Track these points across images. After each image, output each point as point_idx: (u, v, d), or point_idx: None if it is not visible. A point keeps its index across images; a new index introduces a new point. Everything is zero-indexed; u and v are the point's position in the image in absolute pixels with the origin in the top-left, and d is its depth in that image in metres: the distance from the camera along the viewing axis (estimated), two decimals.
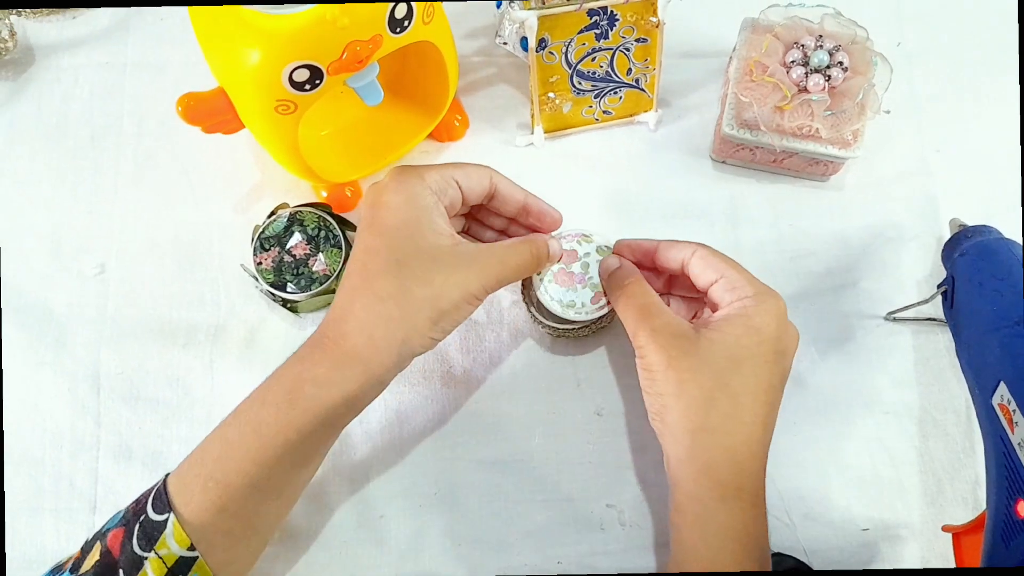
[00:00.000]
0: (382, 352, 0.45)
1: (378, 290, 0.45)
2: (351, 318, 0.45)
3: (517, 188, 0.53)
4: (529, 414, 0.57)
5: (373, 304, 0.45)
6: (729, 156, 0.62)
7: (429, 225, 0.46)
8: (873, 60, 0.58)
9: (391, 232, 0.46)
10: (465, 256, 0.47)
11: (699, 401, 0.45)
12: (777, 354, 0.47)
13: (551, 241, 0.53)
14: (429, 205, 0.47)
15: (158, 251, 0.62)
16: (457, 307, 0.46)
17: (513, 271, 0.49)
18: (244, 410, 0.46)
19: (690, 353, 0.46)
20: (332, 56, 0.48)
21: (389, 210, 0.46)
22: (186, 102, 0.51)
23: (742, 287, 0.48)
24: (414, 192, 0.47)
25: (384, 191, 0.47)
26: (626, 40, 0.58)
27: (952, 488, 0.55)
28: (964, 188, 0.62)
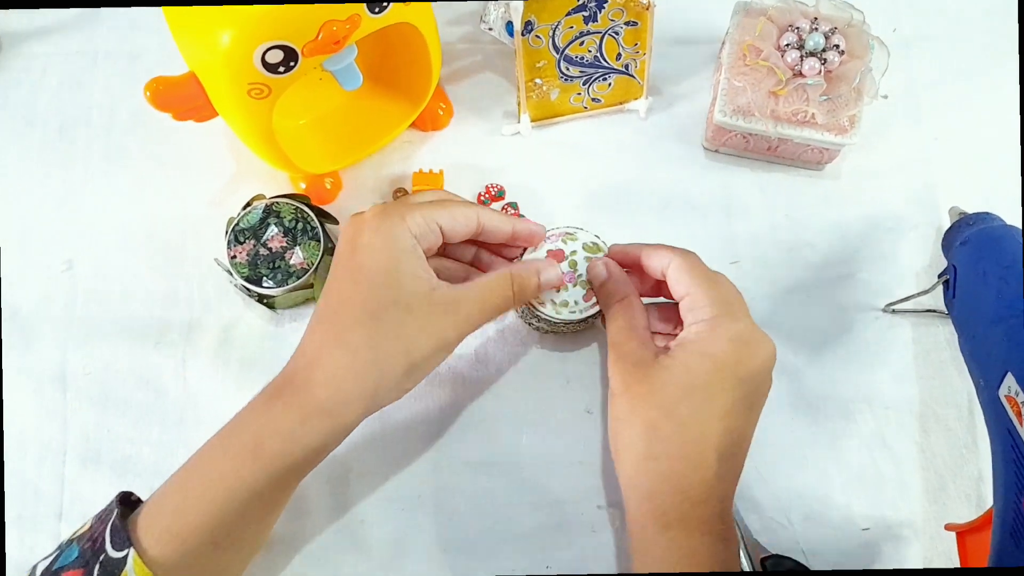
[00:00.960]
0: (350, 405, 0.43)
1: (349, 342, 0.43)
2: (319, 368, 0.44)
3: (504, 220, 0.50)
4: (517, 413, 0.55)
5: (343, 356, 0.43)
6: (722, 145, 0.60)
7: (407, 271, 0.45)
8: (870, 43, 0.56)
9: (367, 279, 0.44)
10: (441, 303, 0.45)
11: (645, 428, 0.44)
12: (737, 380, 0.44)
13: (546, 270, 0.50)
14: (408, 249, 0.45)
15: (129, 246, 0.60)
16: (430, 357, 0.45)
17: (493, 311, 0.48)
18: (205, 459, 0.44)
19: (641, 380, 0.45)
20: (307, 36, 0.46)
21: (367, 253, 0.44)
22: (154, 87, 0.49)
23: (701, 308, 0.46)
24: (394, 235, 0.45)
25: (364, 231, 0.45)
26: (615, 23, 0.56)
27: (955, 485, 0.53)
28: (963, 176, 0.60)
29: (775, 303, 0.57)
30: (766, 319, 0.57)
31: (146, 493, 0.53)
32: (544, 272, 0.50)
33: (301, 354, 0.45)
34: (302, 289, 0.55)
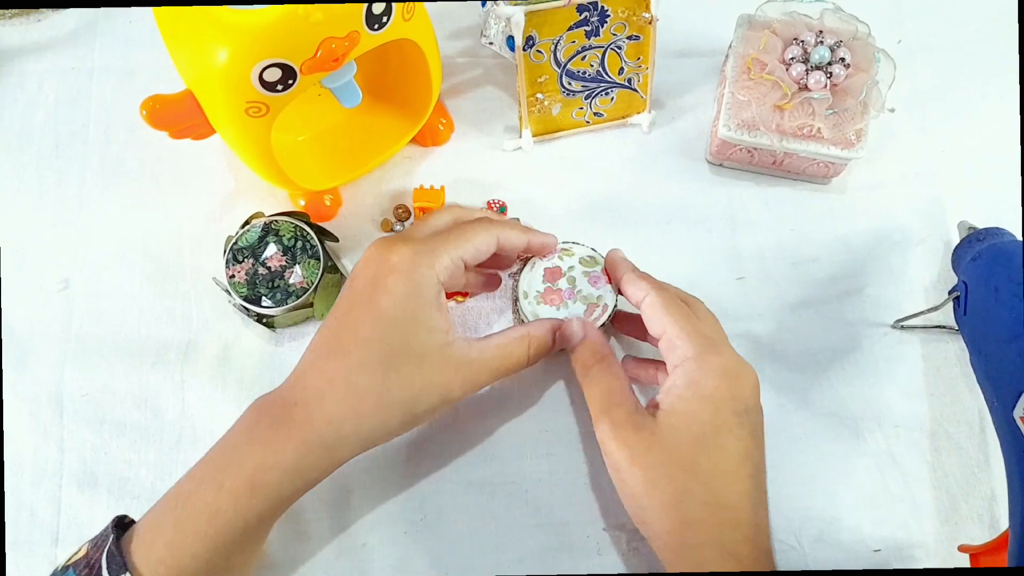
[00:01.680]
0: (348, 444, 0.43)
1: (358, 384, 0.43)
2: (322, 404, 0.43)
3: (519, 236, 0.49)
4: (520, 433, 0.54)
5: (349, 397, 0.43)
6: (726, 159, 0.59)
7: (427, 323, 0.44)
8: (876, 56, 0.55)
9: (386, 325, 0.43)
10: (453, 360, 0.44)
11: (673, 497, 0.42)
12: (738, 415, 0.43)
13: (570, 324, 0.49)
14: (432, 299, 0.44)
15: (126, 264, 0.59)
16: (432, 411, 0.45)
17: (505, 373, 0.47)
18: (201, 490, 0.43)
19: (653, 447, 0.43)
20: (305, 54, 0.45)
21: (391, 299, 0.43)
22: (151, 105, 0.48)
23: (681, 346, 0.45)
24: (422, 284, 0.44)
25: (390, 274, 0.44)
26: (617, 37, 0.55)
27: (967, 505, 0.53)
28: (971, 188, 0.60)
29: (781, 319, 0.57)
30: (772, 335, 0.56)
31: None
32: (572, 328, 0.49)
33: (303, 382, 0.44)
34: (302, 308, 0.54)
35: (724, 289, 0.57)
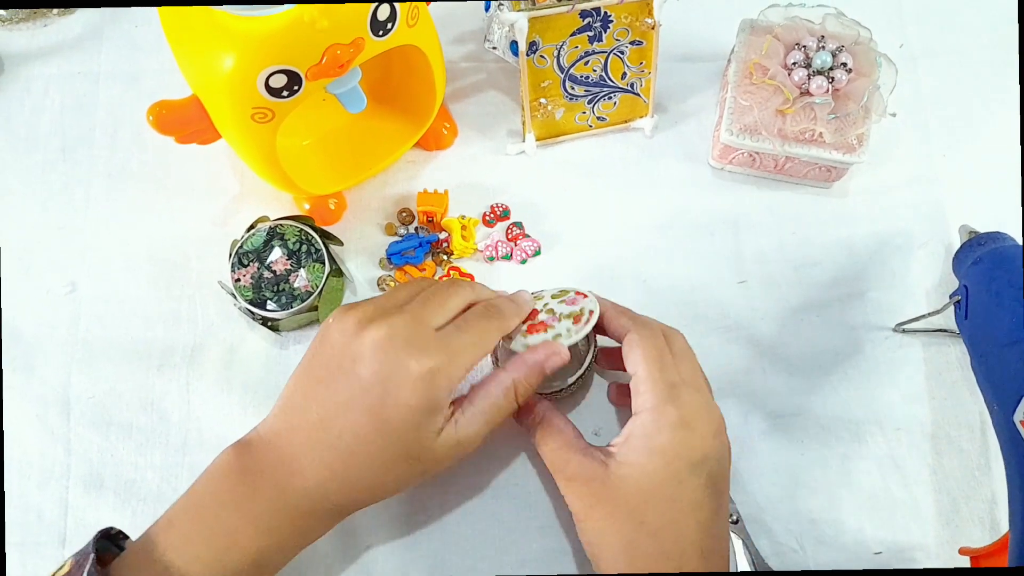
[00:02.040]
0: (320, 520, 0.44)
1: (349, 477, 0.43)
2: (303, 478, 0.43)
3: (517, 318, 0.48)
4: (523, 435, 0.54)
5: (341, 486, 0.43)
6: (728, 163, 0.60)
7: (430, 431, 0.43)
8: (878, 61, 0.55)
9: (390, 435, 0.42)
10: (448, 447, 0.44)
11: (621, 548, 0.43)
12: (692, 466, 0.43)
13: (547, 357, 0.47)
14: (438, 411, 0.43)
15: (132, 268, 0.59)
16: (400, 491, 0.46)
17: (496, 428, 0.46)
18: (184, 539, 0.42)
19: (603, 498, 0.44)
20: (311, 60, 0.45)
21: (401, 413, 0.42)
22: (157, 111, 0.49)
23: (644, 394, 0.45)
24: (436, 403, 0.42)
25: (406, 385, 0.42)
26: (620, 43, 0.56)
27: (968, 508, 0.53)
28: (972, 193, 0.60)
29: (783, 323, 0.57)
30: (774, 338, 0.56)
31: (149, 519, 0.52)
32: (546, 361, 0.47)
33: (289, 452, 0.43)
34: (307, 312, 0.55)
35: (726, 292, 0.58)
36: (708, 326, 0.57)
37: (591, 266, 0.58)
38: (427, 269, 0.58)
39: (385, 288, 0.58)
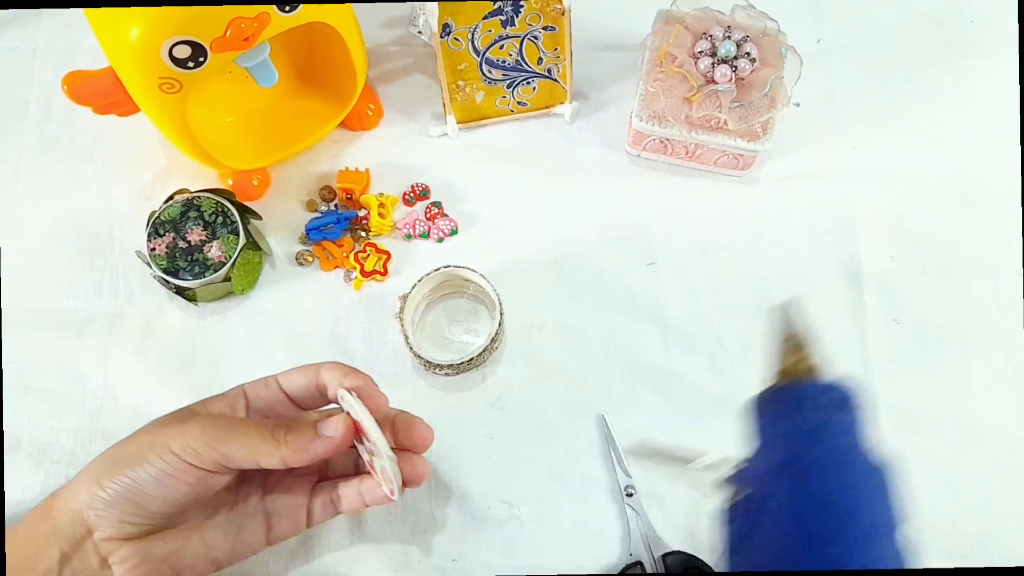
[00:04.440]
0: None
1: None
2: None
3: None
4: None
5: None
6: (643, 149, 0.61)
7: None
8: (783, 52, 0.57)
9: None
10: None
11: None
12: None
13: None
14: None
15: (57, 238, 0.60)
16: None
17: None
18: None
19: None
20: (215, 32, 0.47)
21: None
22: (71, 80, 0.50)
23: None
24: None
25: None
26: (533, 28, 0.57)
27: None
28: (879, 185, 0.61)
29: (689, 303, 0.58)
30: (680, 318, 0.58)
31: (61, 480, 0.54)
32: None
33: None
34: (221, 283, 0.56)
35: (635, 273, 0.59)
36: (616, 306, 0.58)
37: (506, 247, 0.60)
38: (344, 245, 0.60)
39: (303, 263, 0.60)
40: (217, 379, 0.57)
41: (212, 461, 0.42)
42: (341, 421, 0.43)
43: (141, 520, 0.42)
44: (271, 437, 0.43)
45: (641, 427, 0.55)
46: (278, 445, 0.42)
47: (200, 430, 0.42)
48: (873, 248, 0.59)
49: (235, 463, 0.42)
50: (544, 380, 0.57)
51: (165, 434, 0.43)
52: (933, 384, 0.56)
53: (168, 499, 0.42)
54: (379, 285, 0.59)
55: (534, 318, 0.58)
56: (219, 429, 0.42)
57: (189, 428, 0.42)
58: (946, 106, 0.63)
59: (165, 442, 0.42)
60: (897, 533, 0.37)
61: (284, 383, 0.47)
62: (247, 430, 0.43)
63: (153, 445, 0.42)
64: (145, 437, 0.43)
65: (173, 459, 0.42)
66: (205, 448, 0.42)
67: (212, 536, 0.45)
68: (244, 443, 0.42)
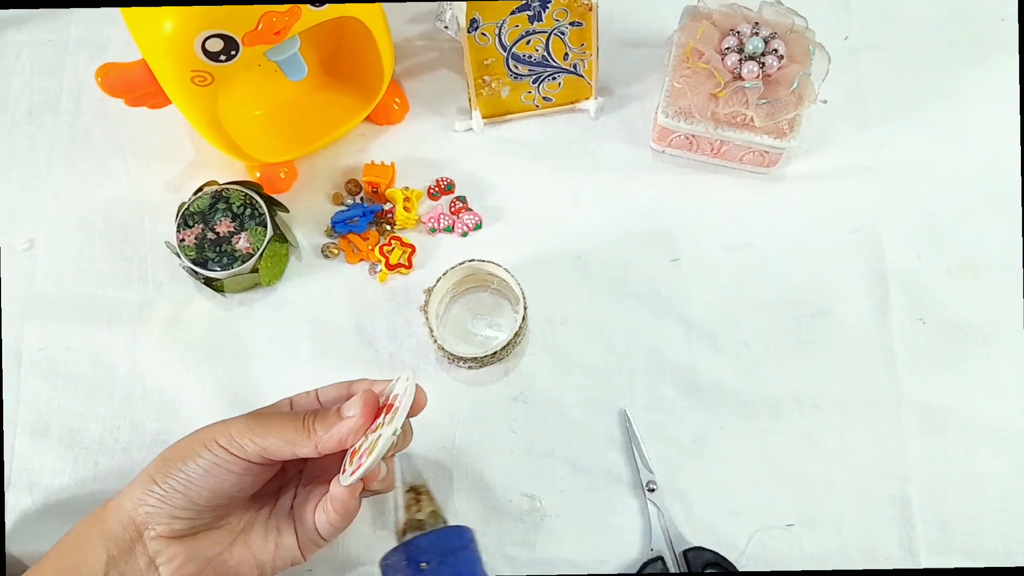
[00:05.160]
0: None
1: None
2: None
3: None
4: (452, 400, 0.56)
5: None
6: (668, 145, 0.61)
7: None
8: (810, 49, 0.57)
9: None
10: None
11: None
12: None
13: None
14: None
15: (88, 228, 0.61)
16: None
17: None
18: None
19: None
20: (247, 26, 0.47)
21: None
22: (105, 72, 0.51)
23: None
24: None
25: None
26: (560, 23, 0.58)
27: (879, 484, 0.54)
28: (906, 183, 0.61)
29: (711, 300, 0.58)
30: (703, 316, 0.58)
31: (90, 466, 0.55)
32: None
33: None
34: (248, 274, 0.57)
35: (659, 269, 0.59)
36: (639, 302, 0.59)
37: (529, 242, 0.60)
38: (370, 238, 0.60)
39: (329, 255, 0.60)
40: (243, 368, 0.58)
41: (255, 453, 0.44)
42: (359, 399, 0.45)
43: (190, 515, 0.44)
44: (302, 426, 0.45)
45: (663, 423, 0.56)
46: (309, 433, 0.44)
47: (243, 424, 0.45)
48: (899, 246, 0.59)
49: (275, 454, 0.44)
50: (567, 375, 0.57)
51: (212, 430, 0.45)
52: (958, 383, 0.56)
53: (216, 491, 0.44)
54: (403, 278, 0.60)
55: (557, 313, 0.58)
56: (259, 423, 0.45)
57: (233, 423, 0.45)
58: (974, 104, 0.63)
59: (212, 436, 0.45)
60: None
61: (321, 394, 0.49)
62: (283, 422, 0.45)
63: (202, 439, 0.45)
64: (194, 435, 0.46)
65: (220, 451, 0.44)
66: (247, 441, 0.44)
67: (254, 538, 0.47)
68: (280, 435, 0.44)
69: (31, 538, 0.54)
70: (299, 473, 0.50)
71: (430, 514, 0.42)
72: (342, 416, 0.45)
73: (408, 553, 0.40)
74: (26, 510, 0.55)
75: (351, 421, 0.44)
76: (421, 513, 0.42)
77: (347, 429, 0.44)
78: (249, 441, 0.44)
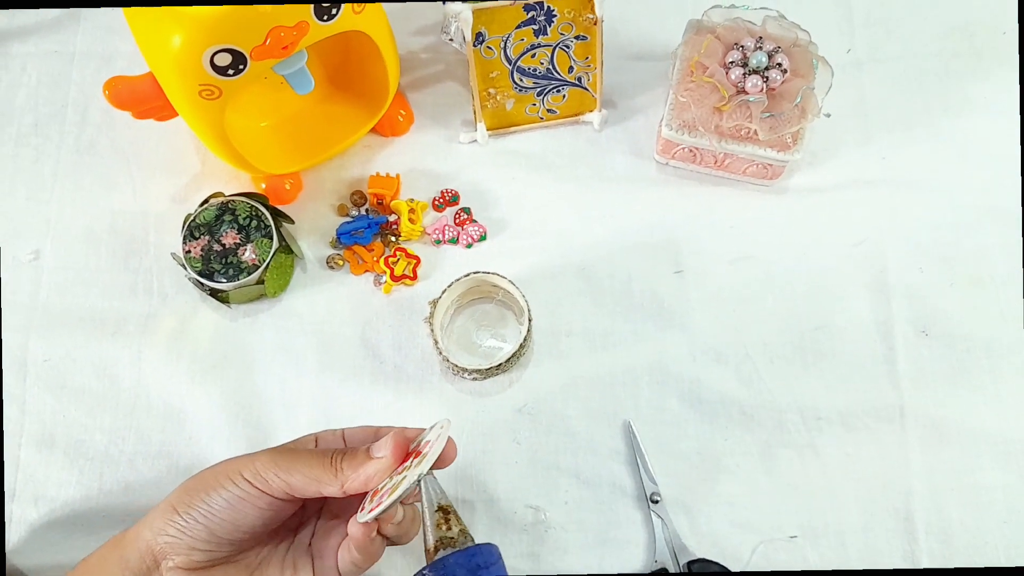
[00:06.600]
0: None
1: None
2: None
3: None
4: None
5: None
6: (672, 158, 0.62)
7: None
8: (814, 63, 0.57)
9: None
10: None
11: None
12: None
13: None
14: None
15: (94, 240, 0.62)
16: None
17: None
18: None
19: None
20: (255, 41, 0.48)
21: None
22: (112, 85, 0.51)
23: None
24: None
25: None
26: (565, 37, 0.58)
27: (884, 496, 0.54)
28: (908, 196, 0.61)
29: (714, 313, 0.59)
30: (706, 328, 0.58)
31: (95, 477, 0.55)
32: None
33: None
34: (254, 285, 0.57)
35: (663, 281, 0.60)
36: (643, 314, 0.59)
37: (534, 253, 0.60)
38: (375, 249, 0.60)
39: (334, 267, 0.60)
40: (248, 379, 0.58)
41: (279, 489, 0.44)
42: (389, 440, 0.44)
43: (210, 547, 0.44)
44: (330, 464, 0.44)
45: (667, 435, 0.56)
46: (336, 472, 0.44)
47: (269, 459, 0.44)
48: (902, 259, 0.59)
49: (300, 491, 0.44)
50: (571, 386, 0.57)
51: (237, 463, 0.45)
52: (961, 396, 0.56)
53: (238, 524, 0.44)
54: (408, 290, 0.60)
55: (561, 324, 0.59)
56: (285, 459, 0.44)
57: (259, 457, 0.45)
58: (976, 117, 0.63)
59: (237, 469, 0.44)
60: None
61: (348, 434, 0.49)
62: (310, 460, 0.44)
63: (227, 471, 0.44)
64: (218, 467, 0.45)
65: (245, 484, 0.43)
66: (272, 476, 0.43)
67: (270, 573, 0.46)
68: (307, 472, 0.44)
69: (37, 550, 0.54)
70: (319, 510, 0.49)
71: (460, 532, 0.42)
72: (371, 456, 0.44)
73: (445, 569, 0.40)
74: (32, 522, 0.55)
75: (380, 462, 0.44)
76: (451, 531, 0.42)
77: (375, 470, 0.44)
78: (274, 476, 0.43)
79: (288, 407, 0.57)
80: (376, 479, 0.44)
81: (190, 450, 0.56)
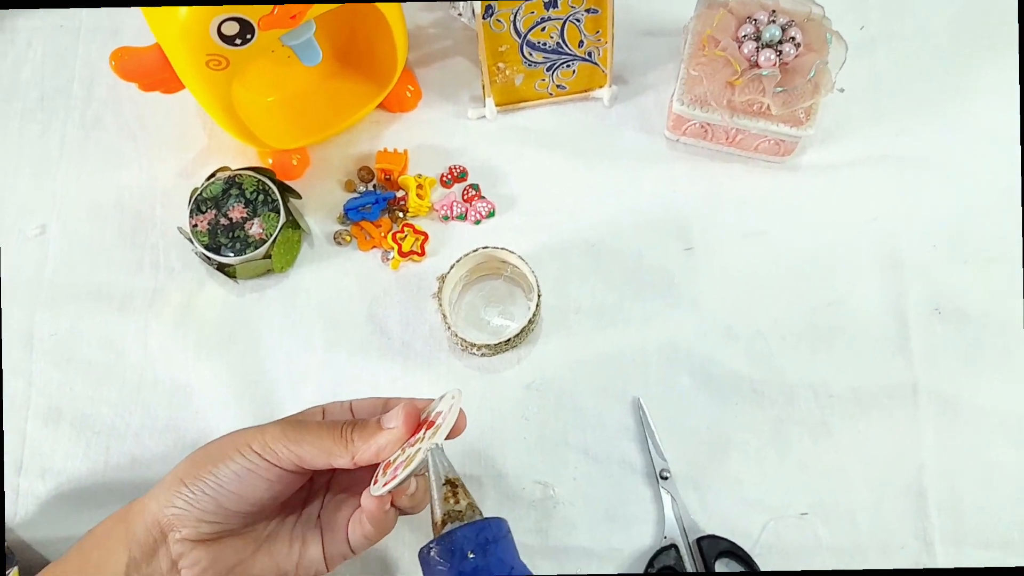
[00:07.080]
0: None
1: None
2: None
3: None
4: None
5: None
6: (683, 134, 0.61)
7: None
8: (828, 37, 0.56)
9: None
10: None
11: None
12: None
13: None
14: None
15: (100, 214, 0.61)
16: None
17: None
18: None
19: None
20: (262, 10, 0.47)
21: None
22: (119, 56, 0.51)
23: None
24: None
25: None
26: (576, 10, 0.57)
27: (896, 474, 0.54)
28: (922, 173, 0.61)
29: (725, 289, 0.58)
30: (717, 306, 0.58)
31: (102, 450, 0.55)
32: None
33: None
34: (261, 260, 0.57)
35: (673, 258, 0.59)
36: (653, 291, 0.58)
37: (542, 230, 0.60)
38: (382, 225, 0.60)
39: (341, 243, 0.60)
40: (254, 354, 0.58)
41: (289, 461, 0.43)
42: (401, 410, 0.44)
43: (217, 520, 0.44)
44: (340, 436, 0.44)
45: (677, 412, 0.55)
46: (347, 443, 0.44)
47: (279, 431, 0.44)
48: (915, 236, 0.59)
49: (309, 463, 0.44)
50: (580, 363, 0.57)
51: (246, 434, 0.44)
52: (974, 373, 0.56)
53: (246, 497, 0.44)
54: (416, 266, 0.60)
55: (570, 301, 0.58)
56: (295, 431, 0.44)
57: (268, 429, 0.44)
58: (991, 94, 0.62)
59: (246, 441, 0.44)
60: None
61: (355, 406, 0.49)
62: (320, 431, 0.44)
63: (236, 443, 0.44)
64: (227, 439, 0.45)
65: (254, 456, 0.43)
66: (282, 448, 0.43)
67: (279, 547, 0.46)
68: (317, 443, 0.43)
69: (43, 523, 0.54)
70: (327, 483, 0.49)
71: (468, 506, 0.41)
72: (382, 427, 0.44)
73: (453, 542, 0.40)
74: (39, 495, 0.55)
75: (392, 432, 0.43)
76: (459, 505, 0.41)
77: (386, 440, 0.43)
78: (284, 448, 0.43)
79: (295, 383, 0.57)
80: (388, 450, 0.43)
81: (196, 424, 0.56)
